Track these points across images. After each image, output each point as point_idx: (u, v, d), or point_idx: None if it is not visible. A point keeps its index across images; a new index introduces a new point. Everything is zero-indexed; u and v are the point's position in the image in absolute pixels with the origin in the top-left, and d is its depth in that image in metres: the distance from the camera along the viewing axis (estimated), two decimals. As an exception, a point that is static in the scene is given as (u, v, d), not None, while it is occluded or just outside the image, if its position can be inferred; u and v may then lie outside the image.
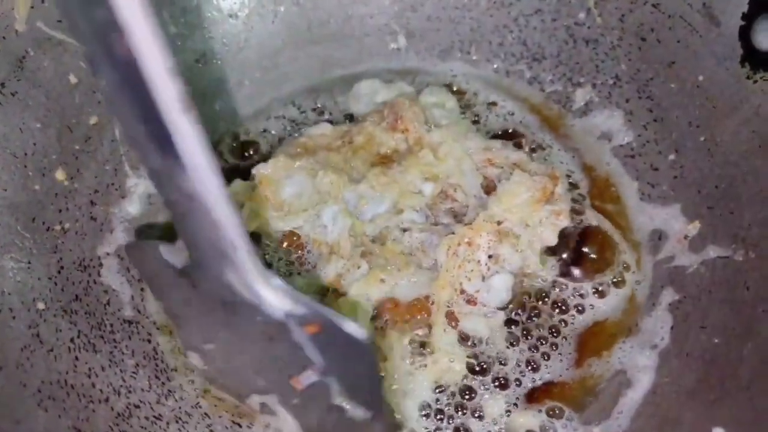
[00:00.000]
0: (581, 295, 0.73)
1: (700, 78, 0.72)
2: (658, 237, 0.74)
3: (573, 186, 0.79)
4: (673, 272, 0.72)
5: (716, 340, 0.64)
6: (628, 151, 0.79)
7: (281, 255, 0.75)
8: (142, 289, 0.74)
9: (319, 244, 0.73)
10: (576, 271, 0.74)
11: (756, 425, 0.56)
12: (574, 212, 0.75)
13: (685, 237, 0.72)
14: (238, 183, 0.78)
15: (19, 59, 0.68)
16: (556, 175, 0.75)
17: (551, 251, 0.73)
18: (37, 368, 0.61)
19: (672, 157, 0.75)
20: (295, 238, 0.74)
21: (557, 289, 0.73)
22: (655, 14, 0.75)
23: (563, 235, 0.72)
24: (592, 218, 0.76)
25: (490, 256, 0.70)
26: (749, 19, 0.67)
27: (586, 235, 0.75)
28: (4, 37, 0.66)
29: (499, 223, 0.71)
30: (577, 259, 0.74)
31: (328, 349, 0.56)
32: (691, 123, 0.74)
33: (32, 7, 0.68)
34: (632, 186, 0.78)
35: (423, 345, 0.69)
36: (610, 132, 0.81)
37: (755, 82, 0.67)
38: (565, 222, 0.72)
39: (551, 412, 0.67)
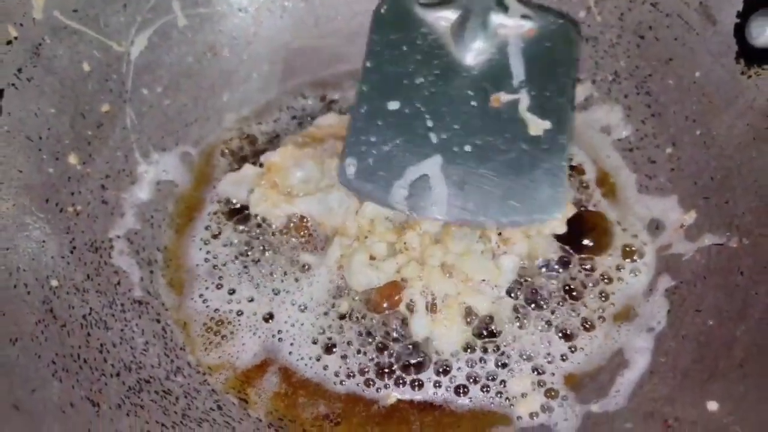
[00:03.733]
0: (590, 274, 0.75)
1: (697, 74, 0.75)
2: (656, 226, 0.76)
3: (577, 172, 0.81)
4: (669, 259, 0.74)
5: (711, 323, 0.66)
6: (627, 144, 0.82)
7: (289, 236, 0.77)
8: (151, 272, 0.76)
9: (325, 226, 0.75)
10: (580, 256, 0.76)
11: (748, 400, 0.57)
12: (580, 202, 0.78)
13: (682, 226, 0.74)
14: (248, 169, 0.80)
15: (35, 46, 0.70)
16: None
17: (558, 237, 0.76)
18: (51, 342, 0.63)
19: (669, 150, 0.78)
20: (302, 221, 0.76)
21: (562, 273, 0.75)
22: (653, 13, 0.77)
23: (569, 222, 0.74)
24: (596, 207, 0.79)
25: (499, 234, 0.72)
26: (744, 17, 0.69)
27: (589, 223, 0.77)
28: (21, 25, 0.68)
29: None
30: (581, 244, 0.76)
31: (532, 59, 0.73)
32: (688, 117, 0.76)
33: (50, -4, 0.70)
34: (631, 178, 0.80)
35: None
36: (609, 126, 0.83)
37: (750, 77, 0.70)
38: (570, 212, 0.74)
39: (548, 394, 0.69)
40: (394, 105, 0.72)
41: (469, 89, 0.72)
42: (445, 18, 0.74)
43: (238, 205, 0.80)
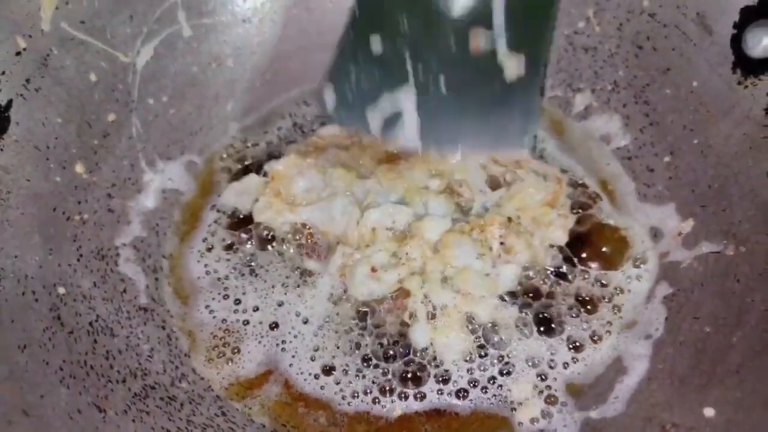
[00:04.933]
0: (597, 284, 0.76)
1: (694, 84, 0.76)
2: (654, 234, 0.77)
3: (580, 186, 0.82)
4: (667, 267, 0.74)
5: (708, 329, 0.67)
6: (625, 153, 0.82)
7: (292, 244, 0.78)
8: (156, 279, 0.77)
9: (328, 234, 0.76)
10: (584, 266, 0.76)
11: (744, 405, 0.58)
12: (582, 209, 0.79)
13: (680, 234, 0.75)
14: (252, 178, 0.81)
15: (43, 57, 0.71)
16: (560, 178, 0.79)
17: (559, 248, 0.76)
18: (58, 348, 0.64)
19: (667, 159, 0.79)
20: (305, 230, 0.77)
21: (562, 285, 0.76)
22: (651, 23, 0.79)
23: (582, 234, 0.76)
24: (596, 216, 0.79)
25: (501, 243, 0.73)
26: (740, 28, 0.70)
27: (591, 232, 0.78)
28: (30, 36, 0.70)
29: (509, 219, 0.75)
30: (585, 255, 0.77)
31: (514, 4, 0.68)
32: (686, 127, 0.77)
33: (57, 8, 0.71)
34: (630, 186, 0.81)
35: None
36: (608, 135, 0.84)
37: (746, 87, 0.71)
38: (571, 222, 0.76)
39: (548, 400, 0.70)
40: (376, 43, 0.73)
41: (451, 35, 0.72)
42: None
43: (243, 214, 0.81)
